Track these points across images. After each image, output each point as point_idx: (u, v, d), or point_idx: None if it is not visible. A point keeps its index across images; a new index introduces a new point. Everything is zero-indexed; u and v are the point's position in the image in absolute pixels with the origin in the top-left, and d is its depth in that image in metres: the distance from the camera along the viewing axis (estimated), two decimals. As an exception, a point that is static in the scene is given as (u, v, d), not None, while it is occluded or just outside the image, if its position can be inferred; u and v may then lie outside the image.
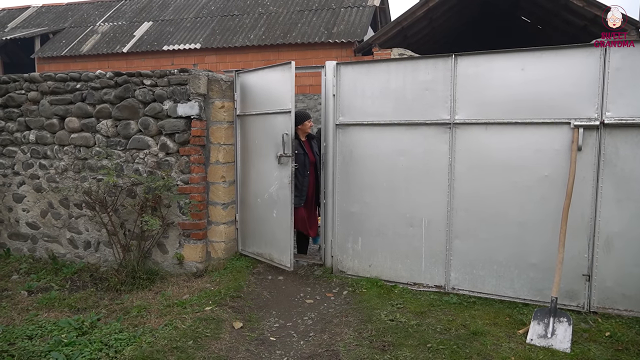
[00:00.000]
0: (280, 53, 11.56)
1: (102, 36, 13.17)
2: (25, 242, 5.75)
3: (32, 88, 5.52)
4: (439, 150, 4.41)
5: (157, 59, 12.04)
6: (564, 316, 3.69)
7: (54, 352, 3.44)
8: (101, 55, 12.42)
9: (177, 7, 13.93)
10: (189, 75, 4.95)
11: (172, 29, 12.84)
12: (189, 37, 12.32)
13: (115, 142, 5.22)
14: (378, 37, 10.92)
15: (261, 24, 12.34)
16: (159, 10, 13.99)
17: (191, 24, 12.90)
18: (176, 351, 3.43)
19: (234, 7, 13.29)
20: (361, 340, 3.62)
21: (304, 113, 5.39)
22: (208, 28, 12.57)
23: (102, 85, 5.21)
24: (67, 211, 5.51)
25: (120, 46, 12.51)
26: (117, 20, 13.89)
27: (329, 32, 11.49)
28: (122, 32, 13.19)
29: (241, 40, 11.81)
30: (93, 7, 15.01)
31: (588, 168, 3.92)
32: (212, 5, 13.63)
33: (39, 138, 5.52)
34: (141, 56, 12.27)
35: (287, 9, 12.74)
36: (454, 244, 4.43)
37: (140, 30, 13.10)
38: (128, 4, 14.73)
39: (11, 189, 5.74)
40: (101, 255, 5.41)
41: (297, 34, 11.63)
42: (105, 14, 14.34)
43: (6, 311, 4.29)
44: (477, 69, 4.24)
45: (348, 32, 11.37)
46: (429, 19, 11.46)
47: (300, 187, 5.10)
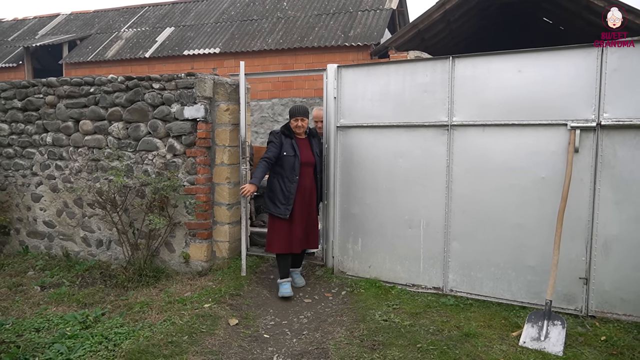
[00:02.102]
0: (298, 57, 11.70)
1: (126, 42, 13.57)
2: (42, 240, 6.00)
3: (49, 92, 5.76)
4: (437, 152, 4.43)
5: (177, 64, 12.32)
6: (558, 319, 3.66)
7: (57, 344, 3.60)
8: (124, 60, 12.79)
9: (198, 13, 14.24)
10: (195, 79, 5.09)
11: (193, 34, 13.13)
12: (209, 42, 12.57)
13: (126, 144, 5.41)
14: (395, 40, 10.93)
15: (279, 28, 12.50)
16: (180, 16, 14.32)
17: (211, 29, 13.17)
18: (171, 345, 3.54)
19: (253, 12, 13.50)
20: (352, 339, 3.66)
21: (295, 109, 4.66)
22: (227, 33, 12.80)
23: (114, 89, 5.41)
24: (81, 210, 5.73)
25: (142, 51, 12.86)
26: (140, 26, 14.28)
27: (345, 35, 11.56)
28: (145, 38, 13.56)
29: (259, 45, 11.99)
30: (118, 13, 15.47)
31: (585, 170, 3.87)
32: (232, 10, 13.88)
33: (56, 140, 5.76)
34: (163, 61, 12.59)
35: (305, 13, 12.87)
36: (451, 245, 4.43)
37: (162, 35, 13.43)
38: (151, 10, 15.12)
39: (30, 189, 6.00)
40: (112, 254, 5.60)
41: (314, 38, 11.74)
42: (130, 20, 14.77)
43: (19, 305, 4.49)
44: (475, 70, 4.24)
45: (364, 35, 11.42)
46: (447, 22, 11.41)
47: (286, 194, 4.52)
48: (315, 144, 4.82)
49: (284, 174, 4.54)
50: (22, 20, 16.93)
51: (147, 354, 3.41)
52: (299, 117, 4.60)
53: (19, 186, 6.05)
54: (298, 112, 4.62)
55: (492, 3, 11.69)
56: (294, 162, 4.53)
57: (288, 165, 4.53)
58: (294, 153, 4.55)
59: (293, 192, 4.52)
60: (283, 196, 4.52)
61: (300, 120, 4.61)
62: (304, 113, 4.63)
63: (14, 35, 15.85)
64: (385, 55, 11.06)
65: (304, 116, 4.62)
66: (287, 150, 4.55)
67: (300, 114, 4.61)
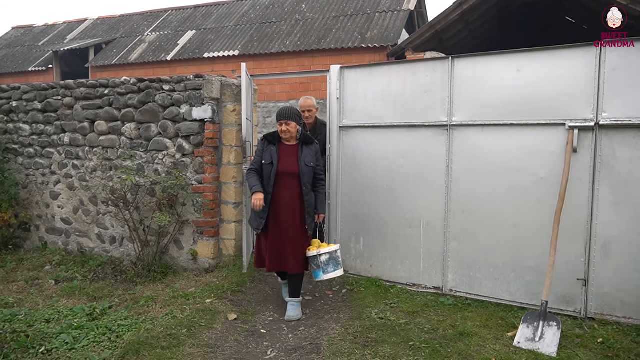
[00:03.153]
0: (315, 58, 11.80)
1: (149, 45, 13.92)
2: (60, 236, 6.24)
3: (67, 94, 6.00)
4: (437, 152, 4.44)
5: (198, 66, 12.57)
6: (554, 320, 3.63)
7: (64, 334, 3.76)
8: (147, 63, 13.13)
9: (219, 16, 14.49)
10: (203, 81, 5.23)
11: (213, 37, 13.38)
12: (229, 45, 12.79)
13: (138, 144, 5.59)
14: (412, 41, 10.91)
15: (297, 30, 12.62)
16: (202, 19, 14.61)
17: (231, 32, 13.39)
18: (169, 337, 3.67)
19: (272, 15, 13.66)
20: (346, 336, 3.72)
21: (280, 111, 4.11)
22: (247, 35, 13.00)
23: (127, 90, 5.60)
24: (95, 208, 5.95)
25: (164, 54, 13.18)
26: (163, 30, 14.62)
27: (362, 37, 11.60)
28: (167, 41, 13.88)
29: (277, 47, 12.13)
30: (142, 17, 15.88)
31: (584, 170, 3.84)
32: (251, 13, 14.09)
33: (73, 140, 6.00)
34: (184, 63, 12.87)
35: (323, 15, 12.96)
36: (451, 245, 4.43)
37: (184, 38, 13.73)
38: (174, 14, 15.47)
39: (48, 187, 6.25)
40: (125, 250, 5.79)
41: (331, 40, 11.82)
42: (153, 24, 15.14)
43: (33, 297, 4.70)
44: (474, 70, 4.25)
45: (381, 36, 11.44)
46: (465, 22, 11.33)
47: (264, 208, 4.02)
48: (308, 152, 4.13)
49: (263, 184, 4.09)
50: (52, 26, 17.54)
51: (146, 345, 3.53)
52: (283, 120, 4.06)
53: (39, 184, 6.31)
54: (282, 115, 4.07)
55: (512, 2, 11.54)
56: (270, 171, 4.05)
57: (266, 175, 4.07)
58: (271, 161, 4.06)
59: (266, 205, 4.02)
60: (262, 210, 4.03)
61: (285, 124, 4.05)
62: (289, 116, 4.06)
63: (44, 40, 16.43)
64: (402, 56, 11.05)
65: (290, 119, 4.06)
66: (266, 158, 4.09)
67: (285, 117, 4.05)
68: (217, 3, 15.35)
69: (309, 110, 5.19)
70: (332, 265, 4.07)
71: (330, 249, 4.08)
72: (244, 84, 4.88)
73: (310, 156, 4.13)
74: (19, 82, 7.22)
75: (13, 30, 18.36)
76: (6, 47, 16.91)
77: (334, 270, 4.07)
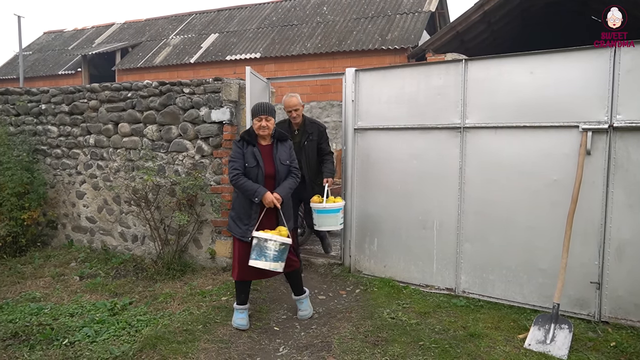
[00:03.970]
0: (335, 60, 11.89)
1: (173, 48, 14.23)
2: (85, 234, 6.47)
3: (92, 97, 6.22)
4: (450, 154, 4.47)
5: (220, 69, 12.81)
6: (566, 323, 3.62)
7: (86, 327, 3.93)
8: (171, 66, 13.44)
9: (242, 19, 14.72)
10: (221, 84, 5.37)
11: (236, 40, 13.60)
12: (250, 47, 12.99)
13: (159, 145, 5.76)
14: (432, 43, 10.88)
15: (318, 32, 12.73)
16: (225, 23, 14.85)
17: (253, 35, 13.59)
18: (185, 333, 3.80)
19: (294, 17, 13.81)
20: (357, 335, 3.78)
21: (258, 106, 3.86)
22: (268, 38, 13.17)
23: (149, 93, 5.78)
24: (118, 207, 6.15)
25: (188, 57, 13.46)
26: (187, 33, 14.92)
27: (382, 38, 11.64)
28: (191, 44, 14.16)
29: (298, 49, 12.27)
30: (167, 21, 16.23)
31: (598, 172, 3.81)
32: (273, 16, 14.26)
33: (97, 142, 6.21)
34: (207, 66, 13.13)
35: (344, 17, 13.04)
36: (464, 247, 4.45)
37: (207, 41, 13.99)
38: (198, 18, 15.77)
39: (74, 187, 6.49)
40: (146, 248, 5.97)
41: (351, 42, 11.89)
42: (178, 28, 15.46)
43: (59, 292, 4.90)
44: (488, 73, 4.26)
45: (402, 38, 11.46)
46: (487, 23, 11.23)
47: (248, 212, 3.80)
48: (282, 149, 3.96)
49: None
50: (81, 30, 18.07)
51: (163, 340, 3.67)
52: (262, 115, 3.80)
53: (66, 184, 6.55)
54: (262, 109, 3.81)
55: (535, 3, 11.40)
56: (257, 174, 3.80)
57: (251, 179, 3.80)
58: (255, 163, 3.81)
59: (257, 210, 3.79)
60: (245, 215, 3.81)
61: (265, 120, 3.81)
62: (269, 111, 3.83)
63: (73, 44, 16.95)
64: (422, 58, 11.03)
65: (270, 114, 3.83)
66: (249, 161, 3.81)
67: (265, 112, 3.81)
68: (240, 6, 15.60)
69: (295, 109, 4.82)
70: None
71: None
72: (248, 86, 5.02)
73: (285, 154, 3.95)
74: (49, 85, 7.51)
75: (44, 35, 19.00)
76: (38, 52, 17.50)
77: None
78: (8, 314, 4.22)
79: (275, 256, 3.67)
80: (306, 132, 4.93)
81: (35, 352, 3.53)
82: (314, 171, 4.98)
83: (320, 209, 4.64)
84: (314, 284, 5.00)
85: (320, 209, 4.64)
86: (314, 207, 4.70)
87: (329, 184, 4.77)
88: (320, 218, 4.66)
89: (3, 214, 5.96)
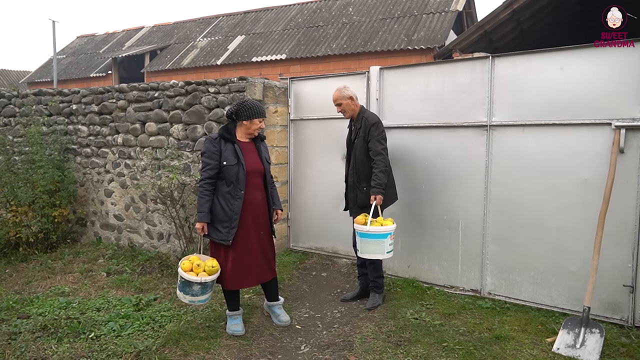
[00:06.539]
0: (361, 61, 11.84)
1: (200, 50, 14.42)
2: (113, 231, 6.60)
3: (120, 97, 6.34)
4: (476, 153, 4.38)
5: (246, 70, 12.92)
6: (597, 327, 3.50)
7: (112, 322, 4.00)
8: (198, 67, 13.63)
9: (268, 21, 14.82)
10: (246, 83, 5.40)
11: (262, 42, 13.69)
12: (276, 49, 13.06)
13: (185, 144, 5.83)
14: (459, 42, 10.72)
15: (344, 33, 12.71)
16: (251, 25, 14.98)
17: (279, 36, 13.66)
18: (208, 329, 3.82)
19: (319, 19, 13.83)
20: (379, 335, 3.73)
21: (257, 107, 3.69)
22: (294, 39, 13.22)
23: (175, 93, 5.86)
24: (145, 205, 6.24)
25: (215, 59, 13.62)
26: (214, 36, 15.11)
27: (409, 39, 11.54)
28: (218, 46, 14.33)
29: (324, 50, 12.28)
30: (195, 24, 16.47)
31: (632, 171, 3.67)
32: (299, 17, 14.31)
33: (125, 141, 6.33)
34: (233, 67, 13.26)
35: (370, 17, 12.99)
36: (489, 248, 4.35)
37: (234, 43, 14.13)
38: (225, 20, 15.95)
39: (103, 185, 6.63)
40: (171, 246, 6.05)
41: (377, 42, 11.83)
42: (205, 30, 15.67)
43: (87, 287, 5.00)
44: (515, 69, 4.16)
45: (428, 38, 11.34)
46: (516, 22, 11.02)
47: (228, 214, 3.60)
48: (263, 148, 3.85)
49: (225, 189, 3.62)
50: (112, 34, 18.51)
51: (186, 335, 3.70)
52: (263, 118, 3.73)
53: (94, 182, 6.70)
54: (262, 112, 3.71)
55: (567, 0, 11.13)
56: (237, 172, 3.59)
57: (230, 177, 3.59)
58: (236, 161, 3.60)
59: (237, 211, 3.60)
60: (225, 216, 3.60)
61: (265, 122, 3.82)
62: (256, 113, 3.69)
63: (104, 48, 17.37)
64: (449, 57, 10.89)
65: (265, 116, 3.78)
66: (228, 159, 3.59)
67: (264, 115, 3.75)
68: (266, 8, 15.71)
69: (337, 104, 4.29)
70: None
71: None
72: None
73: (266, 152, 3.88)
74: (81, 87, 7.69)
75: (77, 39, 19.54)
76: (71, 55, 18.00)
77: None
78: (38, 308, 4.33)
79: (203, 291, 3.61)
80: (355, 128, 4.29)
81: (63, 345, 3.60)
82: (361, 174, 4.18)
83: (364, 232, 3.90)
84: (336, 283, 4.98)
85: (363, 232, 3.88)
86: (357, 230, 3.96)
87: (378, 202, 3.97)
88: (363, 243, 3.91)
89: (35, 210, 6.13)
